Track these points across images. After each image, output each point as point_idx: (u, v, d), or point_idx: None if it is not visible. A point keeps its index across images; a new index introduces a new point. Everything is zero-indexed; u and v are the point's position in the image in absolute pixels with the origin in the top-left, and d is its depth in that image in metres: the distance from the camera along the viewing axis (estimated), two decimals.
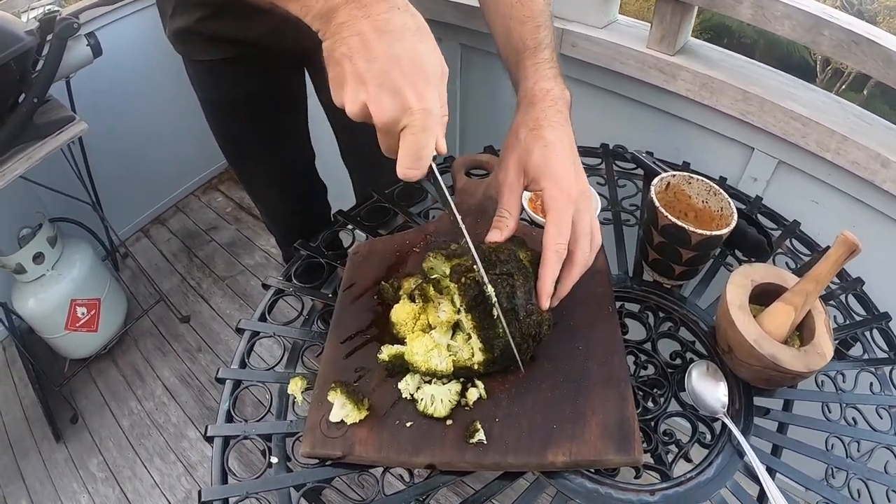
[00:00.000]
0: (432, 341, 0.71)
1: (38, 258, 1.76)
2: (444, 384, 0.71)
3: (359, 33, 0.53)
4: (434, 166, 0.59)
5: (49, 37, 1.38)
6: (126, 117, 2.21)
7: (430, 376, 0.72)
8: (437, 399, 0.70)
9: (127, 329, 2.13)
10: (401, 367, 0.73)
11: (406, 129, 0.55)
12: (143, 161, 2.36)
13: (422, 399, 0.70)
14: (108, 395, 2.00)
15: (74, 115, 1.53)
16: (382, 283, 0.82)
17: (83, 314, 1.91)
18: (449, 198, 0.64)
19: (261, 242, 2.50)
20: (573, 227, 0.67)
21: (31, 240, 1.74)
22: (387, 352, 0.73)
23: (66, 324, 1.88)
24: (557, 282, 0.69)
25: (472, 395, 0.71)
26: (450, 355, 0.71)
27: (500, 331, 0.67)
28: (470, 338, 0.70)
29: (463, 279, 0.68)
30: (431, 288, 0.72)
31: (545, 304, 0.68)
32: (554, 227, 0.66)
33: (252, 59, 1.07)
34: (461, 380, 0.72)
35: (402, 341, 0.75)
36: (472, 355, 0.71)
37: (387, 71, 0.53)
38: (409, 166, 0.56)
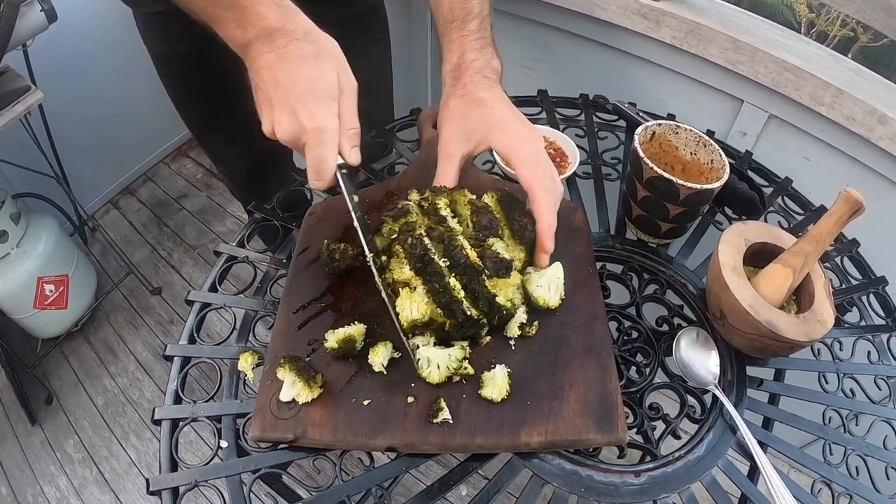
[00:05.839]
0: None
1: (1, 236, 1.70)
2: (444, 348, 0.65)
3: (266, 65, 0.62)
4: (339, 175, 0.63)
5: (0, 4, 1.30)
6: (90, 85, 2.11)
7: (412, 331, 0.66)
8: (434, 363, 0.63)
9: (98, 304, 2.08)
10: (351, 351, 0.66)
11: (305, 146, 0.61)
12: (110, 130, 2.27)
13: (419, 360, 0.64)
14: (81, 373, 1.96)
15: (31, 84, 1.45)
16: (325, 240, 0.74)
17: (51, 291, 1.85)
18: (351, 207, 0.66)
19: (232, 209, 2.44)
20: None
21: None
22: (334, 338, 0.66)
23: (35, 302, 1.82)
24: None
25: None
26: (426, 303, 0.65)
27: (458, 294, 0.63)
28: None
29: (410, 239, 0.63)
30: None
31: (551, 245, 0.68)
32: (528, 170, 0.67)
33: None
34: (465, 345, 0.66)
35: (354, 314, 0.69)
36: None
37: (286, 95, 0.60)
38: (313, 178, 0.62)
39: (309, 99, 0.60)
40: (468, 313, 0.63)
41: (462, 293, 0.63)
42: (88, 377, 1.95)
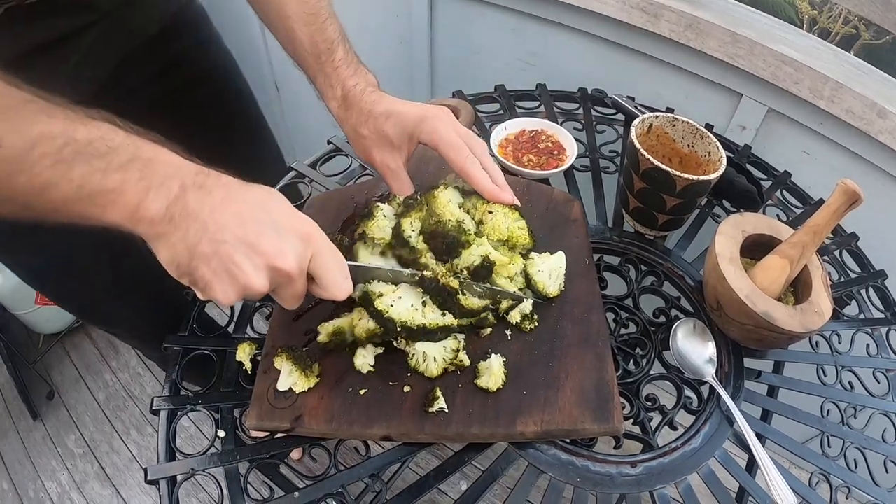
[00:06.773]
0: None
1: None
2: (438, 341, 0.65)
3: (213, 208, 0.49)
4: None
5: None
6: None
7: (370, 341, 0.66)
8: (430, 357, 0.63)
9: None
10: (343, 343, 0.66)
11: (316, 255, 0.54)
12: None
13: (413, 355, 0.64)
14: (82, 368, 1.96)
15: None
16: (334, 233, 0.74)
17: None
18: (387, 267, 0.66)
19: None
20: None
21: None
22: (325, 332, 0.66)
23: (37, 298, 1.82)
24: None
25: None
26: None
27: (387, 314, 0.62)
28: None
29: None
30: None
31: (504, 197, 0.70)
32: (455, 153, 0.69)
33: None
34: (459, 336, 0.67)
35: (350, 305, 0.68)
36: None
37: (260, 225, 0.50)
38: (344, 277, 0.57)
39: (277, 223, 0.52)
40: (398, 330, 0.62)
41: (390, 313, 0.62)
42: (90, 372, 1.94)
